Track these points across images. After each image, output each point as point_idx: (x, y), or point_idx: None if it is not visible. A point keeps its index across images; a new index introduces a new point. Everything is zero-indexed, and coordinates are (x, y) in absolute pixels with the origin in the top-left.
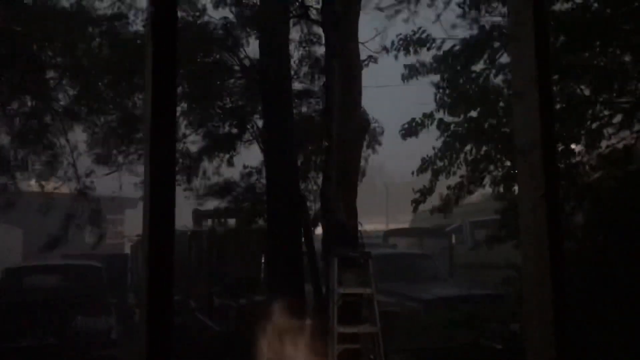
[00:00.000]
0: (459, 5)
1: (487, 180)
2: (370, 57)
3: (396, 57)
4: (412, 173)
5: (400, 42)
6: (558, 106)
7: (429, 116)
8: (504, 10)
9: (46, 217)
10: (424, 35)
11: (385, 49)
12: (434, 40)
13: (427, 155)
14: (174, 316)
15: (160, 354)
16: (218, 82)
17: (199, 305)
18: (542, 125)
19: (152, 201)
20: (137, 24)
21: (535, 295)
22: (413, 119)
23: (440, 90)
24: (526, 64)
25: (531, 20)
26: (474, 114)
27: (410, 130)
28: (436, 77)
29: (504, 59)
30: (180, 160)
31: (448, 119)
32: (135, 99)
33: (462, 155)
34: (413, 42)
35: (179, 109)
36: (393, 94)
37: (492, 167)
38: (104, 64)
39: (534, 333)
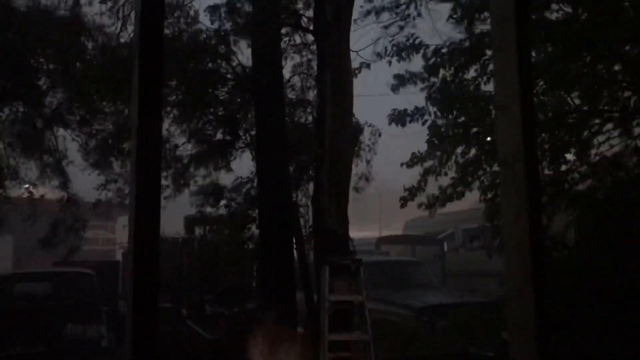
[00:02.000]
0: (451, 16)
1: (476, 184)
2: (362, 64)
3: (390, 63)
4: (401, 165)
5: (394, 48)
6: (549, 115)
7: (420, 110)
8: None
9: (36, 223)
10: (416, 42)
11: (378, 55)
12: (426, 46)
13: (418, 151)
14: (161, 324)
15: None
16: (211, 90)
17: (191, 313)
18: (525, 137)
19: (138, 209)
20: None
21: (518, 303)
22: (405, 109)
23: (431, 94)
24: (509, 76)
25: (514, 32)
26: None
27: (399, 117)
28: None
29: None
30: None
31: (439, 119)
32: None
33: (453, 157)
34: (406, 48)
35: (172, 116)
36: (386, 102)
37: (480, 172)
38: (96, 71)
39: (517, 341)
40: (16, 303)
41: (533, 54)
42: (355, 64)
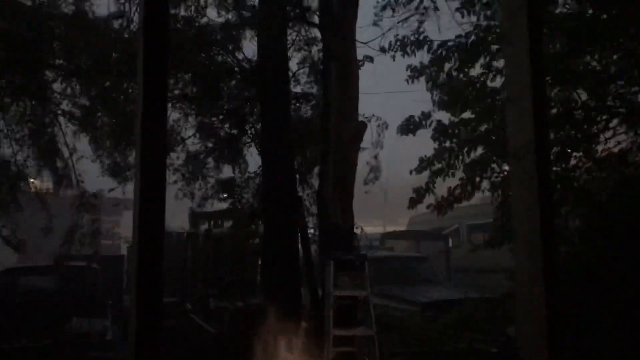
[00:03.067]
0: (457, 9)
1: (485, 184)
2: (365, 57)
3: (394, 57)
4: (410, 172)
5: (398, 42)
6: (555, 111)
7: (427, 116)
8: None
9: (39, 217)
10: (421, 37)
11: (382, 49)
12: (431, 41)
13: (425, 156)
14: (165, 318)
15: (148, 355)
16: (217, 84)
17: (195, 307)
18: (536, 130)
19: (142, 203)
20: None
21: (529, 298)
22: (411, 116)
23: (436, 92)
24: (520, 69)
25: (525, 24)
26: (469, 114)
27: (408, 127)
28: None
29: (501, 62)
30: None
31: (445, 119)
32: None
33: (460, 157)
34: (410, 43)
35: (178, 111)
36: (392, 97)
37: (489, 171)
38: (104, 65)
39: (527, 336)
40: (21, 296)
41: None
42: (362, 56)
